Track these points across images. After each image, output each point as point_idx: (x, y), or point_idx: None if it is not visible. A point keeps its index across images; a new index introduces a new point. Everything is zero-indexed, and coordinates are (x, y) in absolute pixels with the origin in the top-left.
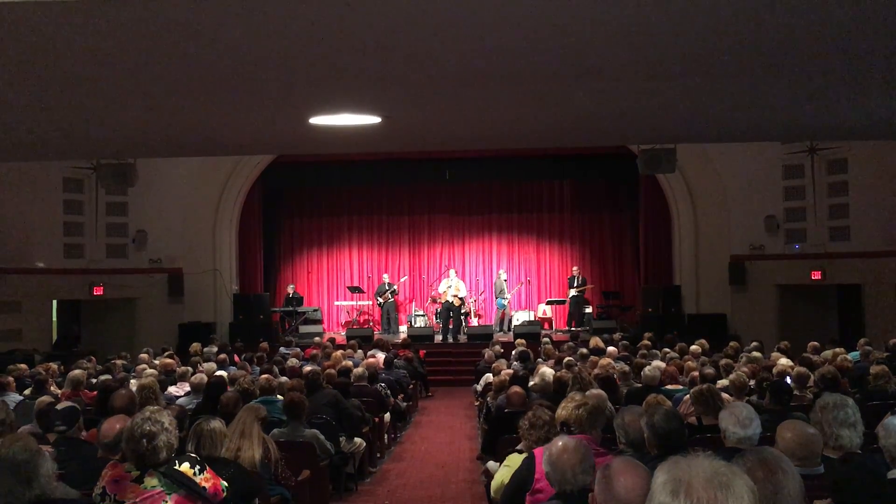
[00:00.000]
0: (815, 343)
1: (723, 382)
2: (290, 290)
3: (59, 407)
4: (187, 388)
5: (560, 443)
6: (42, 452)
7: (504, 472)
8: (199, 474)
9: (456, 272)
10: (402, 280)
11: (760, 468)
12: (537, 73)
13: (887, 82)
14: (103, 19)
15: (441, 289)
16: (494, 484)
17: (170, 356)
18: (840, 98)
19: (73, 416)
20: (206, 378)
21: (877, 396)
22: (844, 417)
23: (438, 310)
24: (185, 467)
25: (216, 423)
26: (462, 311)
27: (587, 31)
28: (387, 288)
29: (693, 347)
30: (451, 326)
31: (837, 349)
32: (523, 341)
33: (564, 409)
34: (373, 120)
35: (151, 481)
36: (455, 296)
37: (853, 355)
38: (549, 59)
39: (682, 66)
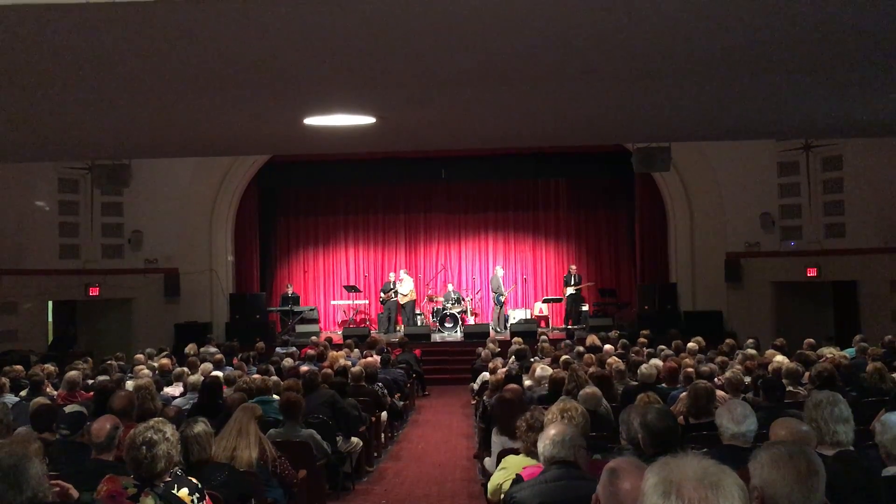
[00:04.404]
0: (811, 340)
1: (718, 380)
2: (288, 289)
3: (67, 410)
4: (182, 388)
5: (553, 429)
6: (29, 455)
7: (500, 474)
8: (198, 503)
9: (406, 271)
10: None
11: (806, 463)
12: (532, 74)
13: (881, 80)
14: (97, 22)
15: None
16: (491, 485)
17: (166, 356)
18: (834, 96)
19: (79, 421)
20: (202, 378)
21: (872, 393)
22: (839, 414)
23: (435, 308)
24: (183, 493)
25: (200, 427)
26: (410, 309)
27: (582, 31)
28: (392, 286)
29: (689, 345)
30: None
31: (833, 349)
32: (520, 339)
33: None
34: (367, 120)
35: (147, 501)
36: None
37: (849, 352)
38: (544, 60)
39: (678, 65)
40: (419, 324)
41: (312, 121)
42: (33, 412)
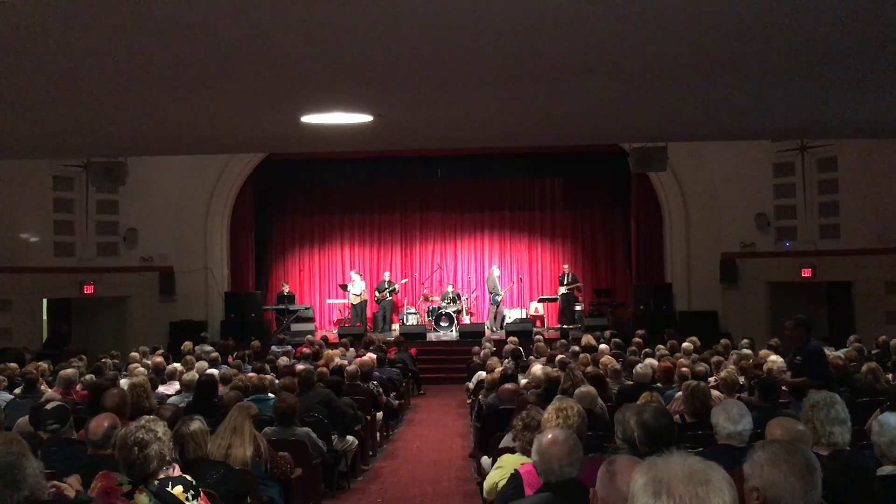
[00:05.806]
0: None
1: (713, 380)
2: (284, 287)
3: (48, 406)
4: (177, 386)
5: (550, 435)
6: (26, 453)
7: (496, 473)
8: (192, 500)
9: (357, 272)
10: (402, 281)
11: (804, 459)
12: (530, 74)
13: (878, 82)
14: (93, 18)
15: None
16: (487, 484)
17: (161, 355)
18: (830, 97)
19: (63, 414)
20: (197, 376)
21: (865, 393)
22: (835, 415)
23: (430, 307)
24: (177, 490)
25: (196, 424)
26: (361, 310)
27: (579, 31)
28: (386, 286)
29: (685, 345)
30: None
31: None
32: (515, 339)
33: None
34: (365, 119)
35: (142, 498)
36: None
37: (842, 352)
38: (542, 60)
39: (675, 65)
40: (411, 322)
41: (309, 119)
42: (32, 409)
